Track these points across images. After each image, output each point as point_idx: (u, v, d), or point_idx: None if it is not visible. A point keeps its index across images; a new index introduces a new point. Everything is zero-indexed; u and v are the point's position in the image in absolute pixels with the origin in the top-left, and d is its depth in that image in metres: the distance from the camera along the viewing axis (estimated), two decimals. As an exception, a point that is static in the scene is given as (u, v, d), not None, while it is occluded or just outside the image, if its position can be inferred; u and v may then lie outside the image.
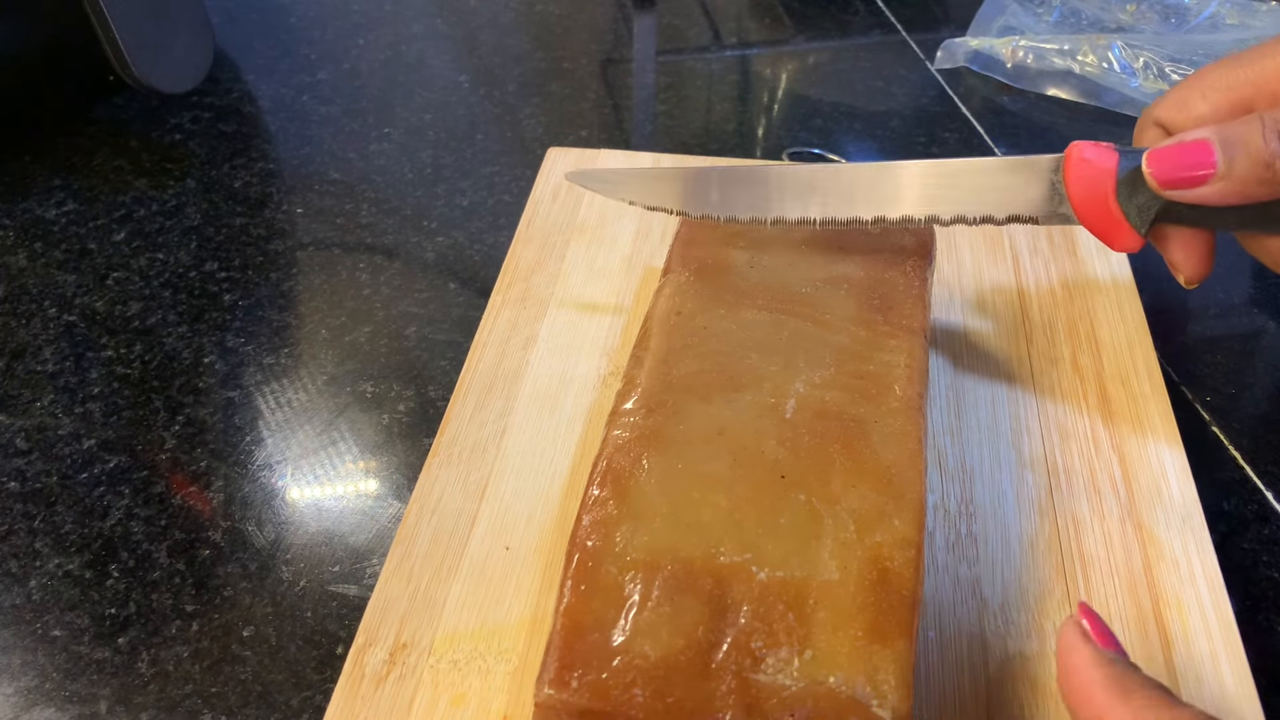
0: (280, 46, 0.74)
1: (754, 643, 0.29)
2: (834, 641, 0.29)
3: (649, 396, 0.36)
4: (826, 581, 0.30)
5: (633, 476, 0.33)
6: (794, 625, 0.29)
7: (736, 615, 0.30)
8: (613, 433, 0.35)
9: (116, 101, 0.68)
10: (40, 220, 0.59)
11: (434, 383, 0.49)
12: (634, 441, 0.34)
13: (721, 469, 0.33)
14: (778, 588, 0.30)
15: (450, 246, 0.57)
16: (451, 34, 0.76)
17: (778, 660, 0.29)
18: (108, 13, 0.57)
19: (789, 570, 0.30)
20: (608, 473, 0.33)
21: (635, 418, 0.35)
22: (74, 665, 0.39)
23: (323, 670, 0.38)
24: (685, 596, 0.30)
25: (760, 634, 0.29)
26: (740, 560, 0.31)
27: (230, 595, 0.41)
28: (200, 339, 0.52)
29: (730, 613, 0.30)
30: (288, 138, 0.66)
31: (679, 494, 0.33)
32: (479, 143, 0.65)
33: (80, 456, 0.46)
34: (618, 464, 0.34)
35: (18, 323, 0.53)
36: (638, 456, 0.34)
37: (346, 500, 0.44)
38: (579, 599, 0.30)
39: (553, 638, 0.30)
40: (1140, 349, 0.47)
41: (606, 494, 0.33)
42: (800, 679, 0.28)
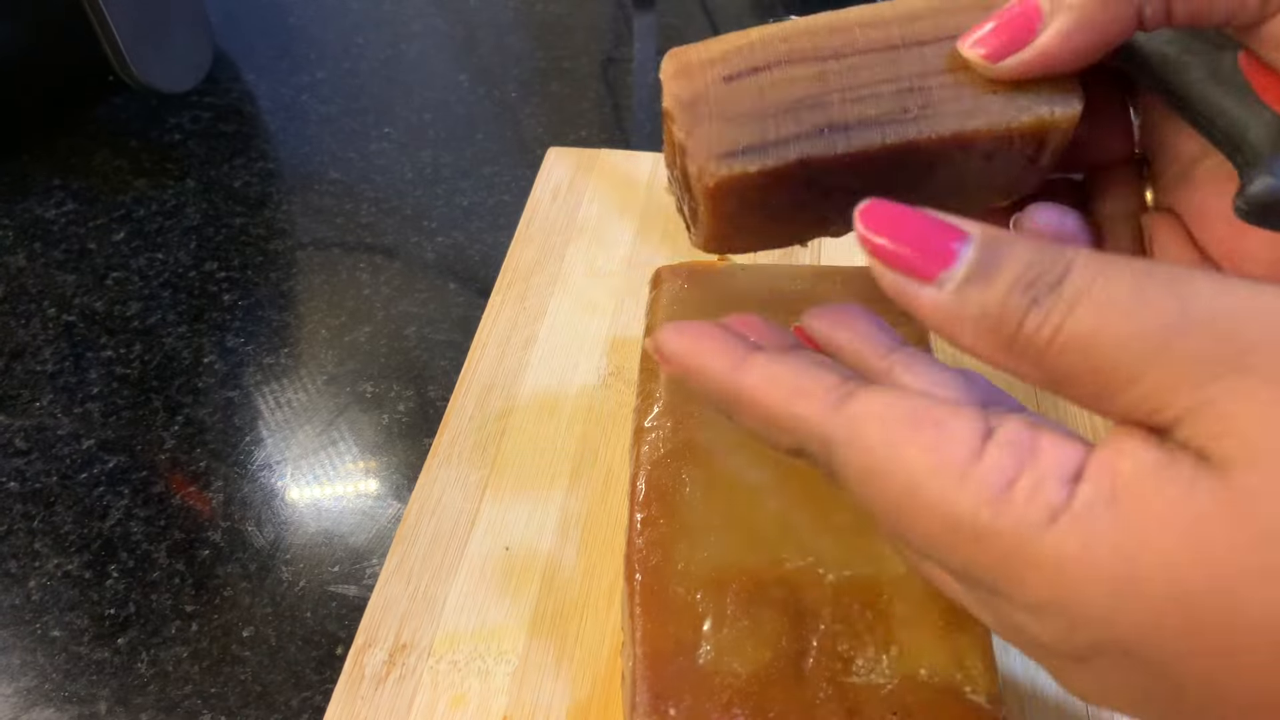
0: (280, 46, 0.74)
1: (840, 646, 0.29)
2: (916, 634, 0.29)
3: (671, 408, 0.35)
4: (894, 575, 0.30)
5: (677, 492, 0.33)
6: (874, 623, 0.29)
7: (816, 620, 0.29)
8: (642, 449, 0.34)
9: (116, 101, 0.68)
10: (40, 220, 0.59)
11: (434, 383, 0.49)
12: (669, 456, 0.34)
13: (764, 473, 0.33)
14: (849, 588, 0.30)
15: (450, 246, 0.57)
16: (451, 33, 0.76)
17: (867, 660, 0.28)
18: (107, 13, 0.57)
19: (855, 569, 0.30)
20: (650, 491, 0.33)
21: (663, 431, 0.34)
22: (73, 666, 0.39)
23: (322, 671, 0.38)
24: (761, 608, 0.30)
25: (844, 636, 0.29)
26: (805, 564, 0.30)
27: (230, 595, 0.41)
28: (200, 339, 0.52)
29: (809, 619, 0.29)
30: (287, 137, 0.66)
31: (728, 504, 0.32)
32: (479, 142, 0.65)
33: (80, 457, 0.46)
34: (659, 481, 0.33)
35: (17, 323, 0.53)
36: (676, 471, 0.33)
37: (346, 500, 0.44)
38: (654, 624, 0.30)
39: (635, 668, 0.30)
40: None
41: (655, 513, 0.32)
42: (893, 676, 0.28)
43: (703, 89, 0.24)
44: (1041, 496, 0.17)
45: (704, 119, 0.24)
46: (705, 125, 0.24)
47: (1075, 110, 0.25)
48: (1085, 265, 0.18)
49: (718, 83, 0.24)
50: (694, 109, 0.24)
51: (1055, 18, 0.23)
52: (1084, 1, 0.23)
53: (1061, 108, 0.25)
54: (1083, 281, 0.17)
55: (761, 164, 0.24)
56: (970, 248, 0.19)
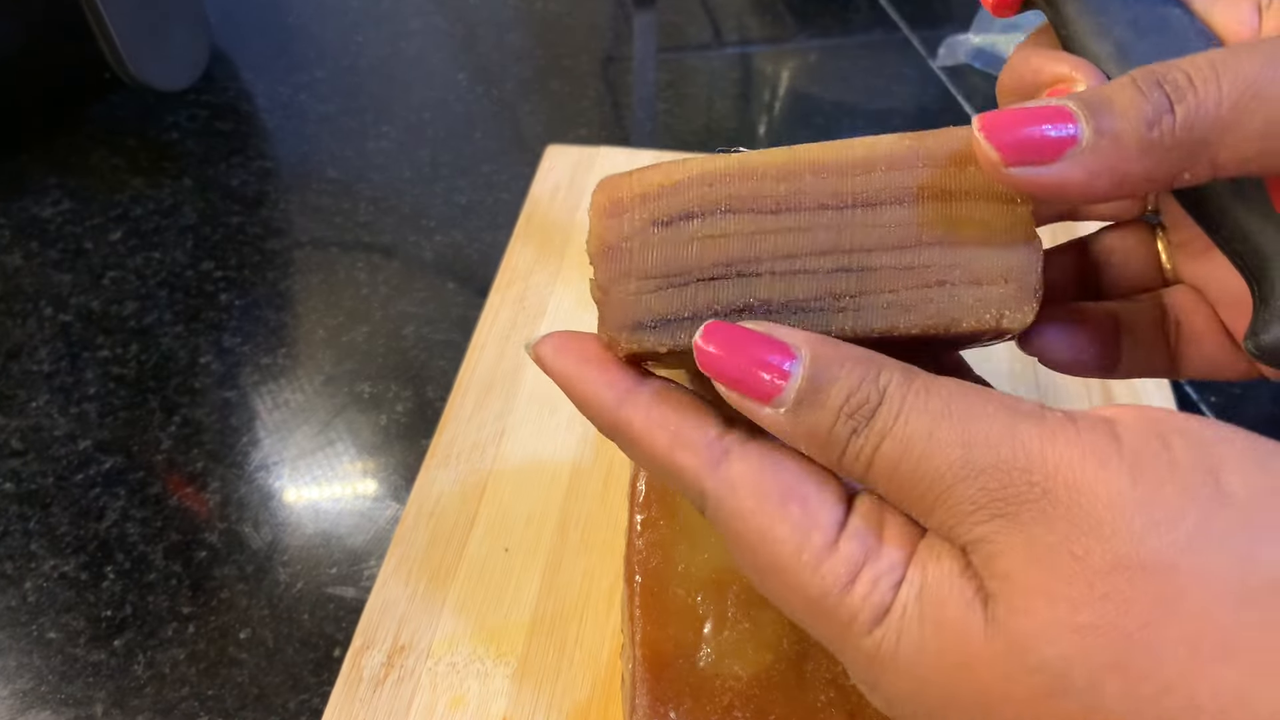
0: (277, 44, 0.74)
1: None
2: None
3: None
4: None
5: (677, 494, 0.32)
6: None
7: None
8: None
9: (113, 100, 0.67)
10: (36, 219, 0.59)
11: (432, 383, 0.49)
12: None
13: None
14: None
15: (449, 245, 0.57)
16: (450, 31, 0.76)
17: None
18: (104, 11, 0.57)
19: None
20: (650, 493, 0.32)
21: None
22: (70, 668, 0.39)
23: (320, 673, 0.38)
24: (761, 610, 0.29)
25: None
26: None
27: (227, 597, 0.41)
28: (197, 339, 0.52)
29: None
30: (285, 136, 0.65)
31: None
32: (478, 141, 0.64)
33: (76, 457, 0.46)
34: (659, 482, 0.33)
35: (13, 322, 0.53)
36: None
37: (344, 501, 0.44)
38: (654, 626, 0.30)
39: (635, 670, 0.29)
40: (1144, 348, 0.47)
41: (655, 514, 0.32)
42: None
43: (629, 233, 0.22)
44: (875, 595, 0.19)
45: (622, 276, 0.22)
46: (622, 285, 0.22)
47: (1026, 321, 0.22)
48: (893, 397, 0.19)
49: (645, 228, 0.22)
50: (614, 259, 0.22)
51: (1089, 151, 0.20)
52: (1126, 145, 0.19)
53: (1012, 315, 0.22)
54: (889, 414, 0.19)
55: (673, 343, 0.22)
56: (798, 373, 0.20)
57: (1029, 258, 0.22)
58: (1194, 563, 0.16)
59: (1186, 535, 0.16)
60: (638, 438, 0.22)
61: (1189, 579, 0.16)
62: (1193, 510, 0.16)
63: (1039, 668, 0.17)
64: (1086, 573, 0.16)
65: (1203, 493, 0.16)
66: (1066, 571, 0.17)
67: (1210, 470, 0.17)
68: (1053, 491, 0.17)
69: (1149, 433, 0.17)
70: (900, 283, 0.22)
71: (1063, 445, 0.17)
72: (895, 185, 0.22)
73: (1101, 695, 0.16)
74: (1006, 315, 0.22)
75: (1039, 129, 0.20)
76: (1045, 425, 0.18)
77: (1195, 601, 0.16)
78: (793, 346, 0.20)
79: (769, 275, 0.22)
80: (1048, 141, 0.20)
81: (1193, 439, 0.17)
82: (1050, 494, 0.17)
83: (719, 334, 0.20)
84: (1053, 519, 0.17)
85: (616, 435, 0.23)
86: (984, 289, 0.22)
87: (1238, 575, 0.16)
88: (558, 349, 0.23)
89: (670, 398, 0.22)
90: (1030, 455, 0.18)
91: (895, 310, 0.22)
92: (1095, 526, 0.17)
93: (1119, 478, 0.17)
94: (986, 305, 0.22)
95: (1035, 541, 0.17)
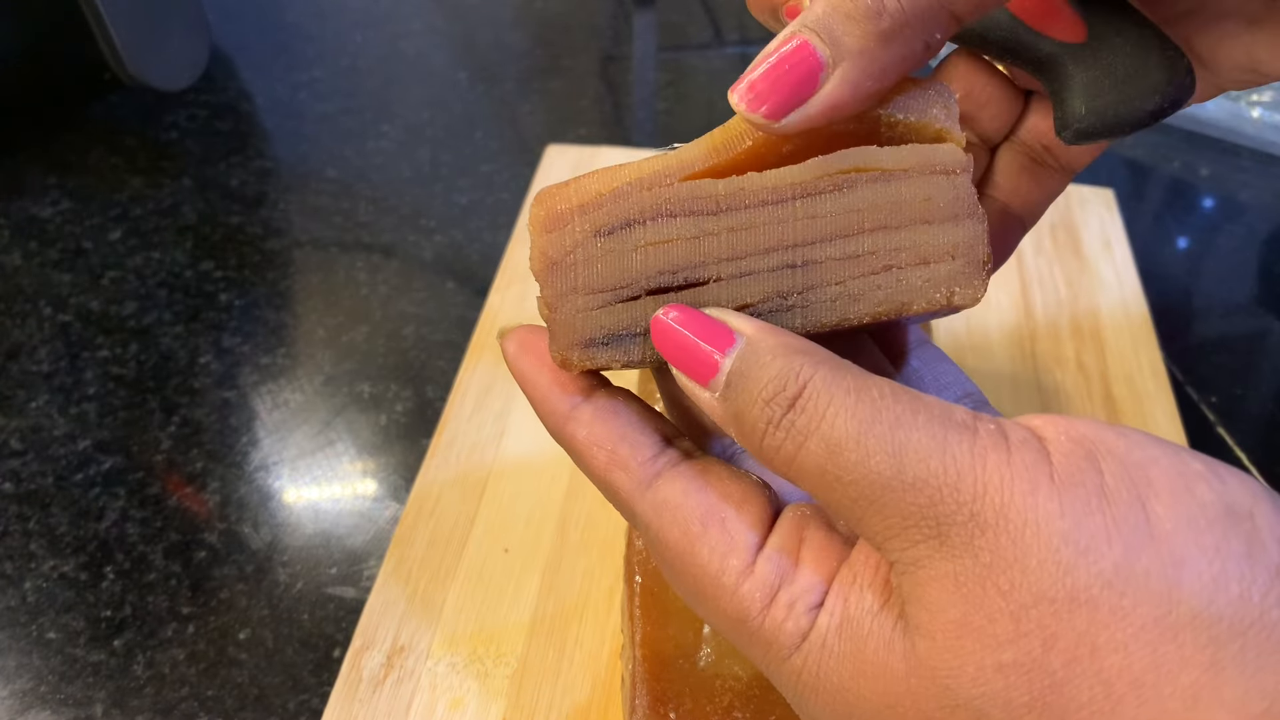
0: (277, 43, 0.74)
1: None
2: None
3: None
4: None
5: None
6: None
7: None
8: None
9: (112, 99, 0.67)
10: (35, 219, 0.59)
11: (432, 383, 0.49)
12: None
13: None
14: None
15: (448, 245, 0.57)
16: (450, 30, 0.76)
17: None
18: (103, 10, 0.57)
19: None
20: None
21: None
22: (69, 668, 0.38)
23: (319, 673, 0.38)
24: None
25: None
26: None
27: (226, 598, 0.41)
28: (196, 339, 0.52)
29: None
30: (284, 135, 0.65)
31: None
32: (478, 140, 0.64)
33: (75, 457, 0.46)
34: None
35: (12, 322, 0.53)
36: None
37: (344, 502, 0.44)
38: (654, 627, 0.30)
39: (635, 671, 0.29)
40: (1145, 349, 0.47)
41: None
42: None
43: (571, 247, 0.22)
44: (792, 620, 0.19)
45: (568, 291, 0.22)
46: (569, 300, 0.22)
47: (977, 297, 0.22)
48: (818, 391, 0.19)
49: (588, 240, 0.22)
50: (559, 274, 0.22)
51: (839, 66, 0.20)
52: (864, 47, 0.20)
53: (962, 291, 0.22)
54: (815, 411, 0.19)
55: (626, 359, 0.22)
56: (731, 356, 0.20)
57: (974, 229, 0.22)
58: (1116, 598, 0.16)
59: (1112, 568, 0.16)
60: (578, 453, 0.22)
61: (1110, 615, 0.16)
62: (1119, 542, 0.16)
63: (960, 705, 0.17)
64: (1012, 606, 0.16)
65: (1129, 523, 0.16)
66: (992, 607, 0.17)
67: (1139, 498, 0.17)
68: (980, 515, 0.17)
69: (1080, 454, 0.17)
70: (846, 273, 0.22)
71: (993, 466, 0.17)
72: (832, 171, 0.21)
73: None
74: (957, 292, 0.22)
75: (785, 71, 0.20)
76: (977, 441, 0.18)
77: (1115, 638, 0.16)
78: (736, 332, 0.20)
79: (715, 282, 0.22)
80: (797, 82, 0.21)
81: (1124, 461, 0.17)
82: (978, 517, 0.17)
83: (676, 314, 0.21)
84: (979, 547, 0.17)
85: (564, 445, 0.23)
86: (931, 268, 0.22)
87: (1159, 611, 0.16)
88: (521, 346, 0.23)
89: (612, 416, 0.22)
90: (960, 472, 0.17)
91: (844, 301, 0.22)
92: (1021, 557, 0.16)
93: (1048, 504, 0.17)
94: (935, 285, 0.22)
95: (962, 574, 0.17)
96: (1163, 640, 0.16)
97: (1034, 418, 0.18)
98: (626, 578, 0.31)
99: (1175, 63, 0.22)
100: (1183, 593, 0.16)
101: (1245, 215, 0.60)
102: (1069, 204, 0.55)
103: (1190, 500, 0.16)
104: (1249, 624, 0.15)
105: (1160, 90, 0.22)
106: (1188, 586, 0.16)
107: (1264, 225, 0.59)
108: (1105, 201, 0.55)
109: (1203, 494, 0.17)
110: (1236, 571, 0.16)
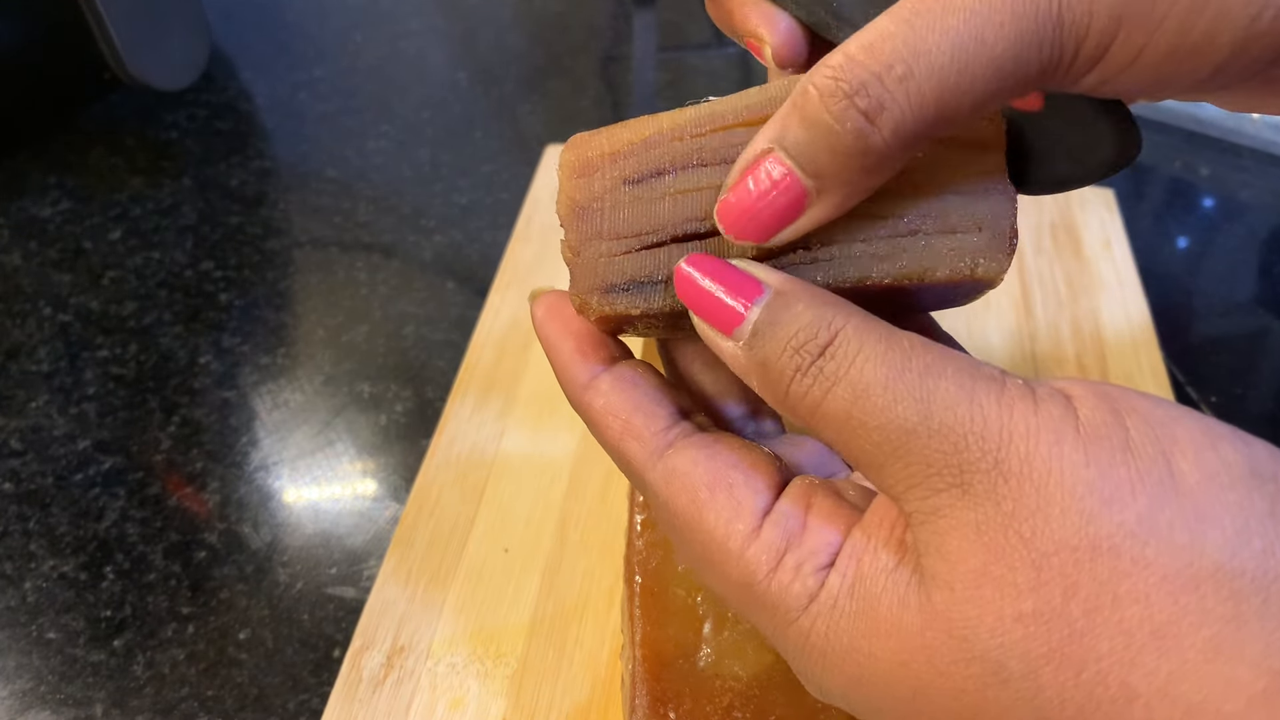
0: (277, 43, 0.74)
1: None
2: None
3: None
4: None
5: None
6: None
7: None
8: None
9: (112, 99, 0.67)
10: (35, 219, 0.59)
11: (432, 383, 0.49)
12: None
13: None
14: None
15: (448, 245, 0.57)
16: (450, 30, 0.76)
17: None
18: (103, 10, 0.57)
19: None
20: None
21: None
22: (69, 668, 0.38)
23: (319, 673, 0.38)
24: None
25: None
26: None
27: (226, 598, 0.41)
28: (196, 339, 0.52)
29: None
30: (284, 135, 0.65)
31: None
32: (477, 140, 0.64)
33: (75, 457, 0.46)
34: None
35: (12, 322, 0.53)
36: None
37: (344, 502, 0.44)
38: (654, 627, 0.29)
39: (635, 671, 0.29)
40: (1145, 349, 0.47)
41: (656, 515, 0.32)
42: None
43: (600, 193, 0.22)
44: (799, 581, 0.19)
45: (593, 236, 0.22)
46: (593, 245, 0.22)
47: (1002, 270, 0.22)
48: (849, 339, 0.19)
49: (616, 187, 0.22)
50: (586, 219, 0.22)
51: (823, 195, 0.20)
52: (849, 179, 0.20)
53: (986, 264, 0.21)
54: (844, 357, 0.19)
55: (645, 306, 0.22)
56: (758, 306, 0.20)
57: (1003, 204, 0.22)
58: (1139, 548, 0.16)
59: (1135, 519, 0.16)
60: (594, 421, 0.22)
61: (1132, 565, 0.16)
62: (1143, 494, 0.16)
63: (977, 658, 0.17)
64: (1033, 554, 0.16)
65: (1154, 476, 0.16)
66: (1013, 555, 0.16)
67: (1163, 453, 0.17)
68: (1005, 463, 0.17)
69: (1106, 409, 0.17)
70: (873, 231, 0.21)
71: (1019, 415, 0.17)
72: None
73: (1038, 684, 0.16)
74: (981, 264, 0.21)
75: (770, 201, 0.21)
76: (1005, 392, 0.17)
77: (1136, 588, 0.16)
78: (764, 284, 0.20)
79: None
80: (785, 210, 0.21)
81: (1148, 418, 0.17)
82: (1002, 465, 0.17)
83: (701, 264, 0.21)
84: (1002, 495, 0.17)
85: (580, 414, 0.23)
86: (957, 237, 0.21)
87: (1181, 562, 0.16)
88: (549, 310, 0.23)
89: (630, 387, 0.22)
90: (987, 420, 0.17)
91: (867, 260, 0.21)
92: (1044, 505, 0.16)
93: (1073, 454, 0.17)
94: (960, 254, 0.21)
95: (984, 522, 0.17)
96: (1184, 591, 0.15)
97: (1060, 381, 0.18)
98: (626, 578, 0.31)
99: (1125, 134, 0.22)
100: (1206, 545, 0.16)
101: (1245, 215, 0.60)
102: (1069, 204, 0.55)
103: (1215, 458, 0.16)
104: (1271, 579, 0.15)
105: (1108, 162, 0.23)
106: (1211, 540, 0.16)
107: (1264, 225, 0.59)
108: (1105, 201, 0.55)
109: (1227, 453, 0.17)
110: (1259, 528, 0.16)
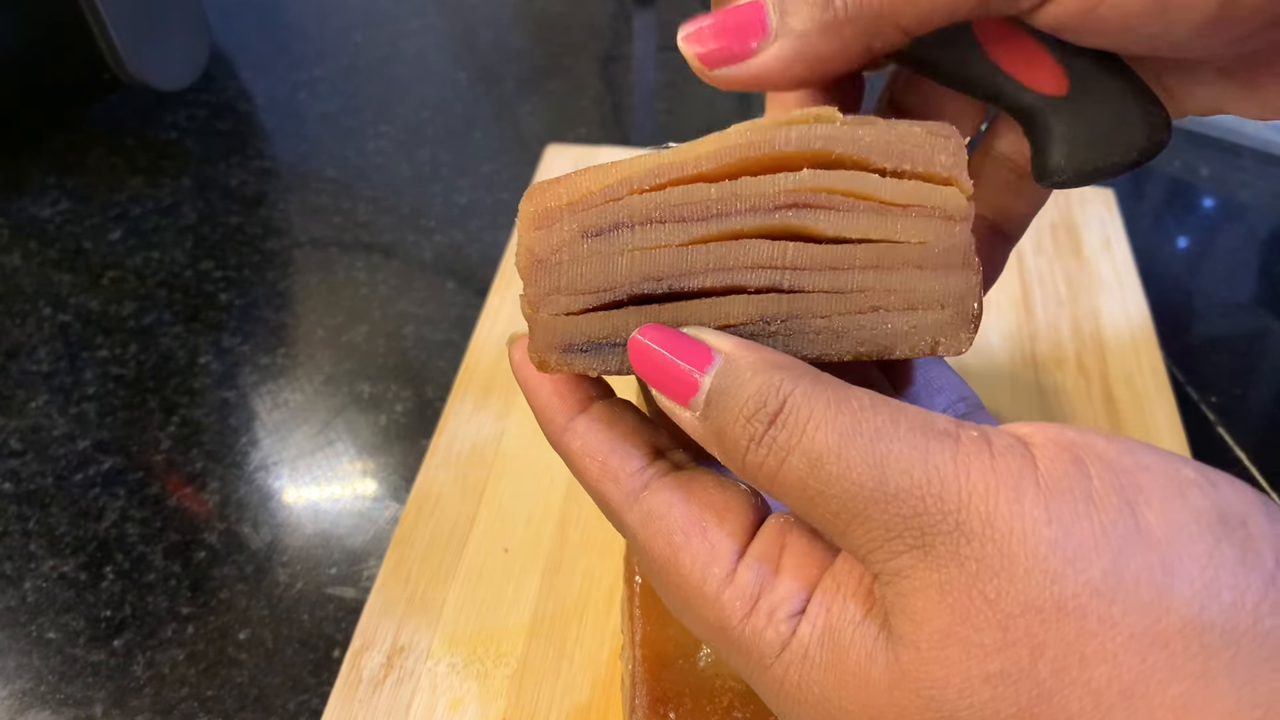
0: (277, 43, 0.74)
1: None
2: None
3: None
4: None
5: None
6: None
7: None
8: None
9: (112, 99, 0.67)
10: (35, 219, 0.59)
11: (432, 383, 0.49)
12: None
13: None
14: None
15: (448, 245, 0.57)
16: (450, 30, 0.76)
17: None
18: (103, 10, 0.57)
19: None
20: None
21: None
22: (69, 668, 0.38)
23: (319, 674, 0.38)
24: None
25: None
26: None
27: (226, 598, 0.41)
28: (196, 339, 0.51)
29: None
30: (284, 135, 0.65)
31: None
32: (477, 140, 0.64)
33: (75, 457, 0.46)
34: None
35: (12, 322, 0.53)
36: None
37: (343, 502, 0.44)
38: (654, 627, 0.29)
39: (635, 671, 0.29)
40: (1145, 349, 0.47)
41: None
42: None
43: (559, 245, 0.21)
44: (772, 628, 0.19)
45: (552, 290, 0.21)
46: (552, 300, 0.21)
47: (962, 350, 0.21)
48: (799, 405, 0.18)
49: (575, 240, 0.21)
50: (545, 273, 0.21)
51: (777, 41, 0.21)
52: (805, 30, 0.21)
53: (947, 343, 0.21)
54: (795, 426, 0.18)
55: (603, 368, 0.21)
56: (709, 374, 0.20)
57: (967, 281, 0.21)
58: (1105, 607, 0.16)
59: (1100, 575, 0.16)
60: (573, 464, 0.23)
61: (1099, 624, 0.16)
62: (1108, 549, 0.16)
63: (946, 717, 0.17)
64: (999, 615, 0.16)
65: (1118, 529, 0.16)
66: (978, 616, 0.16)
67: (1128, 503, 0.16)
68: (966, 524, 0.17)
69: (1066, 458, 0.17)
70: (833, 308, 0.21)
71: (977, 473, 0.17)
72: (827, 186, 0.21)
73: None
74: (942, 343, 0.21)
75: (732, 25, 0.22)
76: (960, 449, 0.17)
77: (1104, 648, 0.15)
78: (714, 350, 0.20)
79: (700, 295, 0.21)
80: (739, 41, 0.22)
81: (1113, 467, 0.17)
82: (963, 526, 0.17)
83: (654, 334, 0.21)
84: (965, 556, 0.16)
85: (560, 455, 0.23)
86: (919, 314, 0.21)
87: (1149, 619, 0.15)
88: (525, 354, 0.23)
89: (606, 428, 0.22)
90: (945, 481, 0.17)
91: (826, 336, 0.21)
92: (1008, 565, 0.16)
93: (1034, 511, 0.16)
94: (921, 333, 0.21)
95: (948, 584, 0.17)
96: (1153, 649, 0.15)
97: (1021, 425, 0.18)
98: (626, 578, 0.31)
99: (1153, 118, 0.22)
100: (1173, 600, 0.15)
101: (1245, 215, 0.60)
102: (1069, 204, 0.55)
103: (1182, 506, 0.16)
104: (1241, 632, 0.15)
105: (1137, 147, 0.22)
106: (1179, 594, 0.15)
107: (1264, 225, 0.59)
108: (1105, 201, 0.55)
109: (1195, 500, 0.16)
110: (1229, 579, 0.15)
